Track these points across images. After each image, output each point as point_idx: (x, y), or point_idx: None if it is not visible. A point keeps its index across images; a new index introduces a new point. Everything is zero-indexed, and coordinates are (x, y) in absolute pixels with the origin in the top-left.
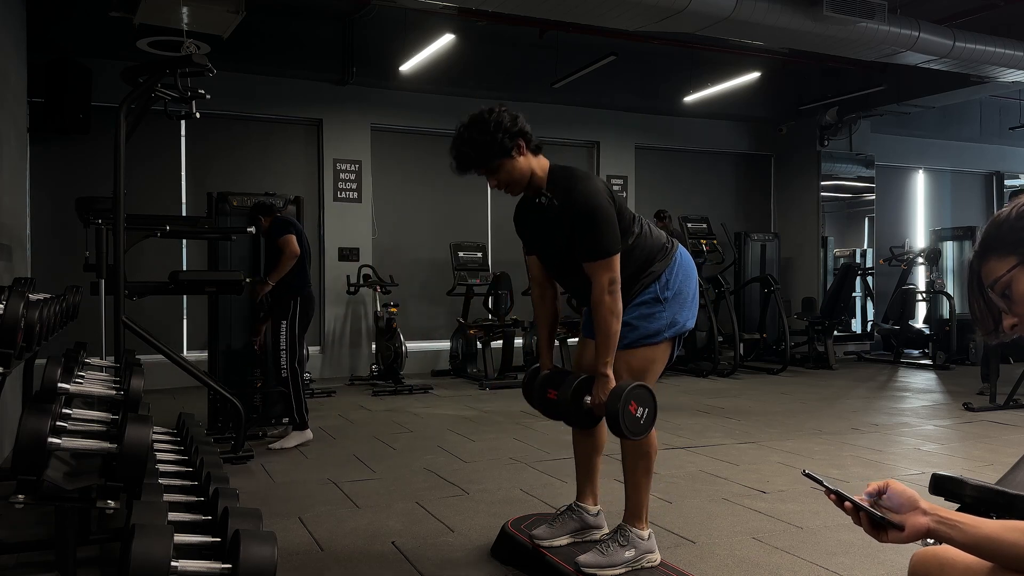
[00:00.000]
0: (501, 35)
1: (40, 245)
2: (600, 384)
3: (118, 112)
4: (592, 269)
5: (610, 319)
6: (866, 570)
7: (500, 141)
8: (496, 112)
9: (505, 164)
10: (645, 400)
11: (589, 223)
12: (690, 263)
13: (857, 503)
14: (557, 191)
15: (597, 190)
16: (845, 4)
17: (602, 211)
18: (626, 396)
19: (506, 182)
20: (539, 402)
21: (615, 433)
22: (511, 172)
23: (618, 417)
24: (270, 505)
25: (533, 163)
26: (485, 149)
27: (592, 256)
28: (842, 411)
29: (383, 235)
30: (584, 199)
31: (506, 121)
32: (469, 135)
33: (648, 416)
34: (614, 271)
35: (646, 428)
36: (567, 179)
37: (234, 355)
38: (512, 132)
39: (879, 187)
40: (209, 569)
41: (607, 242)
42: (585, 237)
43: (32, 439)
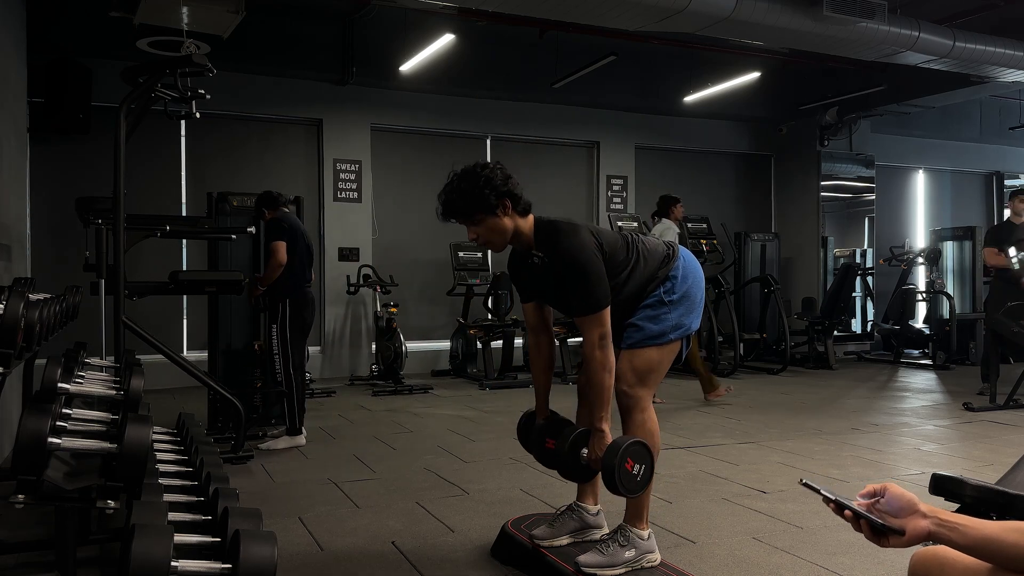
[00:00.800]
0: (501, 35)
1: (40, 245)
2: (596, 439)
3: (118, 112)
4: (582, 324)
5: (602, 374)
6: (866, 570)
7: (486, 197)
8: (490, 168)
9: (487, 220)
10: (642, 456)
11: (577, 279)
12: (697, 268)
13: (857, 510)
14: (545, 248)
15: (582, 245)
16: (845, 4)
17: (589, 267)
18: (623, 453)
19: (485, 237)
20: (537, 451)
21: (610, 490)
22: (491, 229)
23: (614, 474)
24: (270, 505)
25: (518, 223)
26: (470, 201)
27: (581, 312)
28: (842, 411)
29: (383, 235)
30: (571, 256)
31: (497, 179)
32: (459, 185)
33: (645, 473)
34: (604, 326)
35: (642, 485)
36: (553, 235)
37: (234, 355)
38: (500, 191)
39: (879, 187)
40: (209, 569)
41: (595, 297)
42: (574, 292)
43: (32, 439)
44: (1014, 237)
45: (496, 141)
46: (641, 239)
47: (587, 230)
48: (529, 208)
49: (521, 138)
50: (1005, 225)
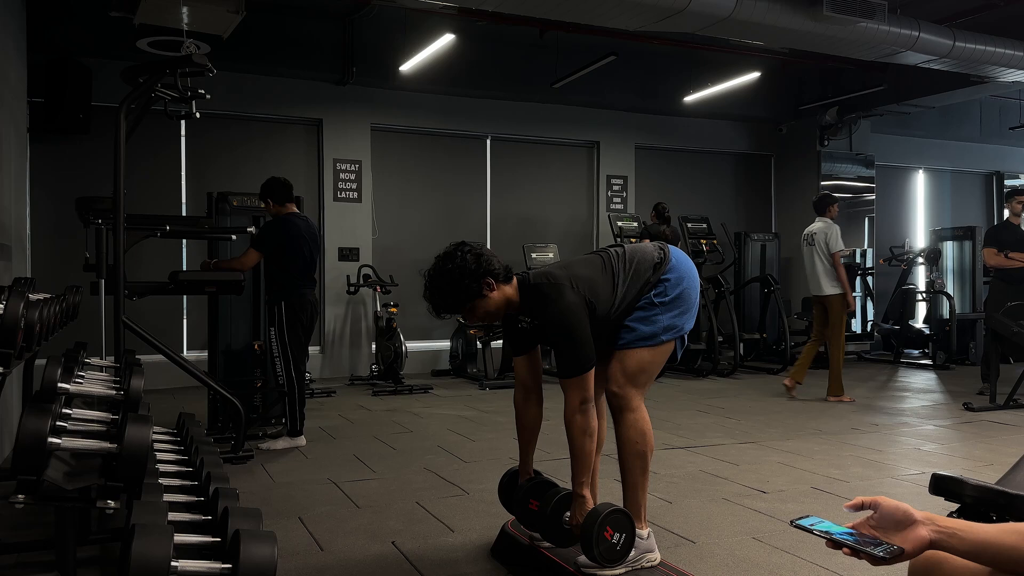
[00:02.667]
0: (501, 35)
1: (40, 245)
2: (577, 505)
3: (118, 112)
4: (565, 387)
5: (582, 439)
6: (866, 570)
7: (467, 287)
8: (459, 257)
9: (478, 304)
10: (622, 525)
11: (562, 342)
12: (690, 269)
13: (854, 547)
14: (531, 311)
15: (566, 308)
16: (845, 4)
17: (575, 331)
18: (601, 521)
19: (482, 317)
20: (520, 512)
21: (588, 559)
22: (486, 308)
23: (591, 542)
24: (270, 505)
25: (506, 291)
26: (453, 297)
27: (565, 374)
28: (842, 411)
29: (383, 235)
30: (557, 321)
31: (470, 265)
32: (437, 286)
33: (625, 542)
34: (586, 390)
35: (622, 554)
36: (539, 299)
37: (234, 355)
38: (477, 274)
39: (879, 187)
40: (209, 569)
41: (579, 359)
42: (559, 354)
43: (32, 439)
44: (1014, 237)
45: (496, 141)
46: (628, 252)
47: (569, 288)
48: (510, 273)
49: (521, 138)
50: (1005, 225)
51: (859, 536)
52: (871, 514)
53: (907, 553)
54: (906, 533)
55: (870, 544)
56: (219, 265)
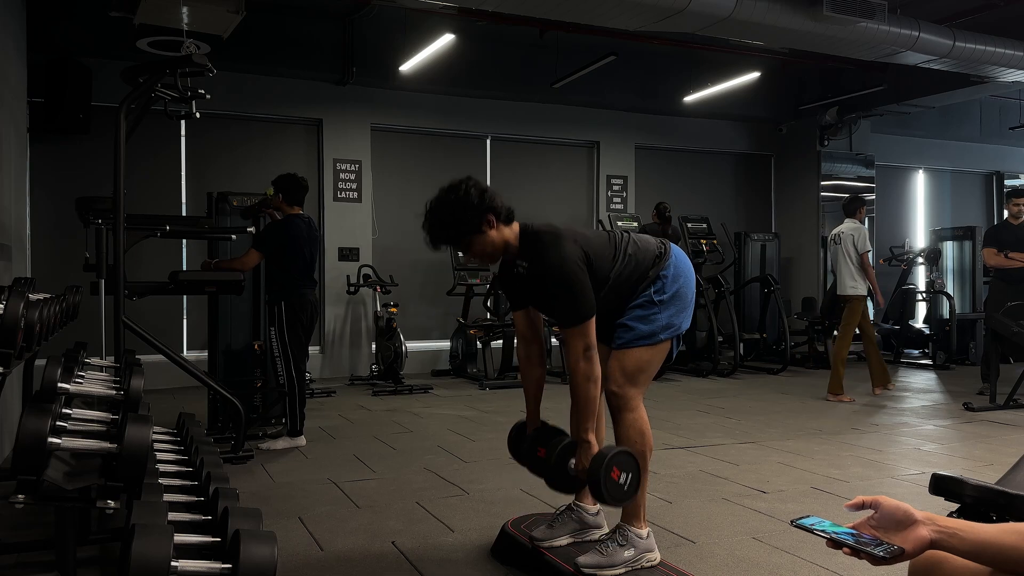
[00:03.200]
0: (501, 35)
1: (40, 245)
2: (582, 450)
3: (118, 112)
4: (566, 336)
5: (586, 385)
6: (866, 569)
7: (468, 220)
8: (463, 189)
9: (475, 239)
10: (628, 465)
11: (560, 291)
12: (688, 267)
13: (854, 546)
14: (528, 258)
15: (567, 256)
16: (845, 4)
17: (572, 280)
18: (608, 463)
19: (479, 255)
20: (528, 460)
21: (597, 499)
22: (483, 246)
23: (599, 484)
24: (270, 505)
25: (505, 233)
26: (454, 228)
27: (566, 323)
28: (842, 411)
29: (383, 235)
30: (554, 269)
31: (473, 198)
32: (438, 216)
33: (632, 481)
34: (588, 337)
35: (630, 494)
36: (537, 246)
37: (234, 355)
38: (480, 209)
39: (879, 187)
40: (209, 569)
41: (579, 309)
42: (558, 304)
43: (32, 439)
44: (1013, 238)
45: (496, 141)
46: (633, 237)
47: (571, 240)
48: (512, 215)
49: (521, 138)
50: (1004, 225)
51: (859, 536)
52: (871, 514)
53: (907, 553)
54: (906, 533)
55: (870, 544)
56: (220, 265)
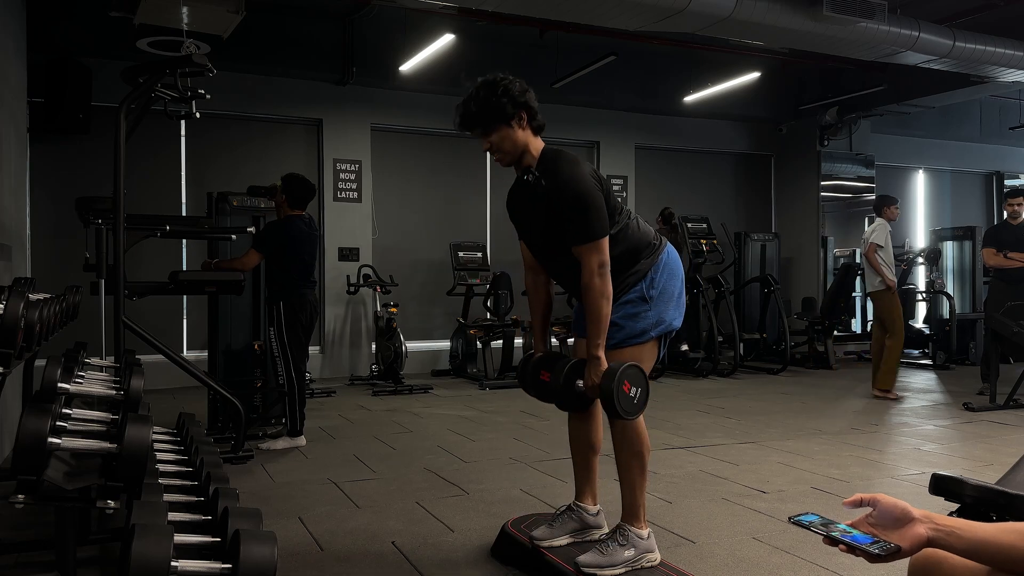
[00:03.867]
0: (501, 35)
1: (40, 245)
2: (592, 366)
3: (118, 112)
4: (582, 252)
5: (600, 301)
6: (866, 569)
7: (503, 106)
8: (508, 80)
9: (502, 130)
10: (638, 380)
11: (577, 207)
12: (676, 262)
13: (851, 544)
14: (545, 172)
15: (584, 175)
16: (845, 4)
17: (589, 195)
18: (620, 376)
19: (498, 147)
20: (532, 385)
21: (609, 413)
22: (505, 139)
23: (612, 396)
24: (270, 505)
25: (530, 140)
26: (488, 110)
27: (581, 239)
28: (842, 411)
29: (383, 235)
30: (571, 183)
31: (515, 90)
32: (478, 94)
33: (641, 396)
34: (603, 253)
35: (639, 407)
36: (556, 162)
37: (234, 355)
38: (517, 102)
39: (879, 187)
40: (209, 569)
41: (596, 225)
42: (573, 221)
43: (32, 439)
44: (1013, 237)
45: None
46: (638, 218)
47: (589, 166)
48: (543, 127)
49: None
50: (1003, 225)
51: (856, 533)
52: (869, 511)
53: (904, 551)
54: (904, 531)
55: (867, 541)
56: (220, 265)
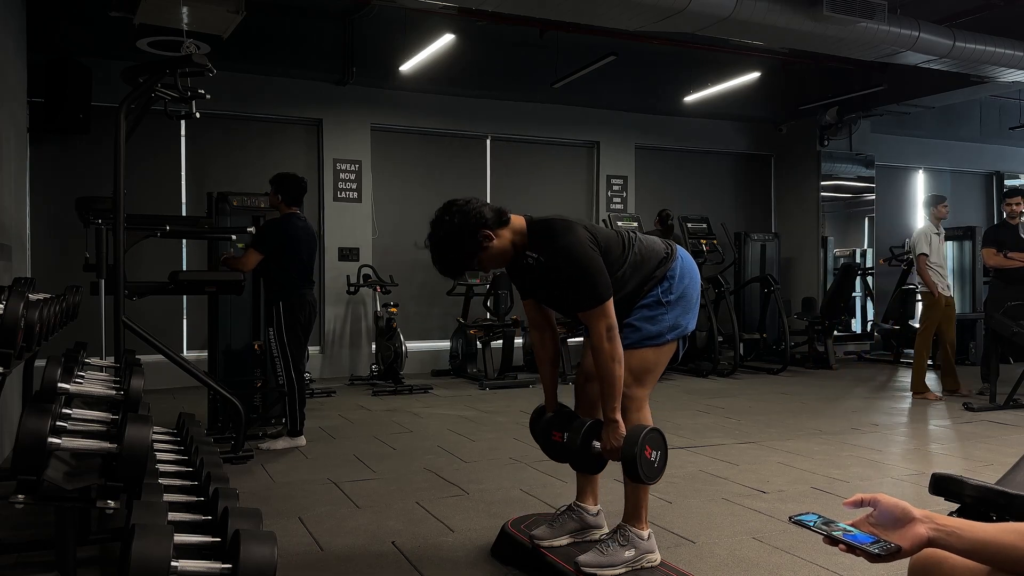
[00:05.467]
0: (501, 35)
1: (40, 245)
2: (611, 430)
3: (118, 112)
4: (588, 319)
5: (611, 365)
6: (866, 569)
7: (467, 247)
8: (447, 220)
9: (483, 257)
10: (658, 444)
11: (577, 276)
12: (693, 268)
13: (851, 543)
14: (540, 248)
15: (578, 241)
16: (845, 4)
17: (588, 262)
18: (641, 442)
19: (492, 265)
20: (544, 444)
21: (631, 477)
22: (492, 259)
23: (635, 462)
24: (270, 505)
25: (507, 234)
26: (458, 260)
27: (585, 306)
28: (842, 411)
29: (383, 235)
30: (568, 253)
31: (465, 223)
32: (440, 254)
33: (661, 459)
34: (610, 317)
35: (659, 471)
36: (548, 234)
37: (234, 355)
38: (471, 230)
39: (879, 187)
40: (209, 569)
41: (598, 291)
42: (576, 289)
43: (32, 439)
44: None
45: (496, 141)
46: (639, 237)
47: (581, 226)
48: (503, 214)
49: (521, 138)
50: (1003, 225)
51: (857, 533)
52: (870, 511)
53: (905, 551)
54: (904, 531)
55: (867, 541)
56: (227, 261)
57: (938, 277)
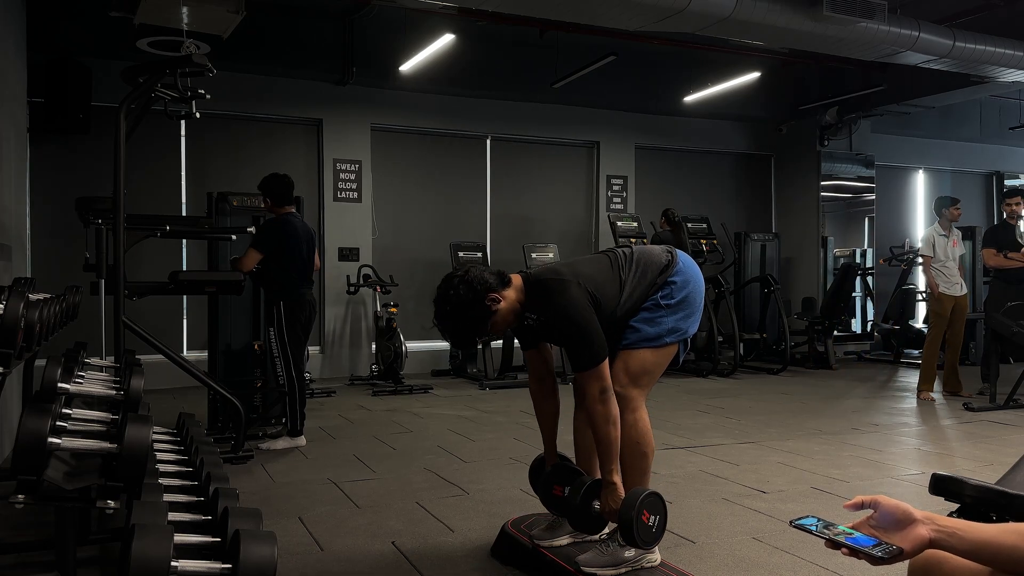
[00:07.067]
0: (501, 35)
1: (40, 245)
2: (609, 493)
3: (118, 112)
4: (582, 379)
5: (606, 427)
6: (866, 570)
7: (477, 315)
8: (454, 291)
9: (494, 321)
10: (656, 508)
11: (572, 336)
12: (696, 273)
13: (853, 547)
14: (537, 309)
15: (572, 301)
16: (845, 4)
17: (583, 324)
18: (639, 506)
19: (503, 327)
20: (544, 497)
21: (627, 542)
22: (503, 321)
23: (632, 527)
24: (270, 505)
25: (511, 295)
26: (471, 330)
27: (580, 367)
28: (842, 411)
29: (383, 235)
30: (563, 315)
31: (466, 296)
32: (451, 327)
33: (659, 523)
34: (604, 380)
35: (658, 536)
36: (544, 295)
37: (234, 355)
38: (478, 298)
39: (879, 187)
40: (209, 569)
41: (592, 353)
42: (571, 349)
43: (32, 439)
44: (1012, 238)
45: (496, 141)
46: (636, 253)
47: (574, 284)
48: (505, 276)
49: (521, 138)
50: (1003, 226)
51: (858, 536)
52: (871, 513)
53: (906, 553)
54: (906, 532)
55: (869, 544)
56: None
57: (942, 277)
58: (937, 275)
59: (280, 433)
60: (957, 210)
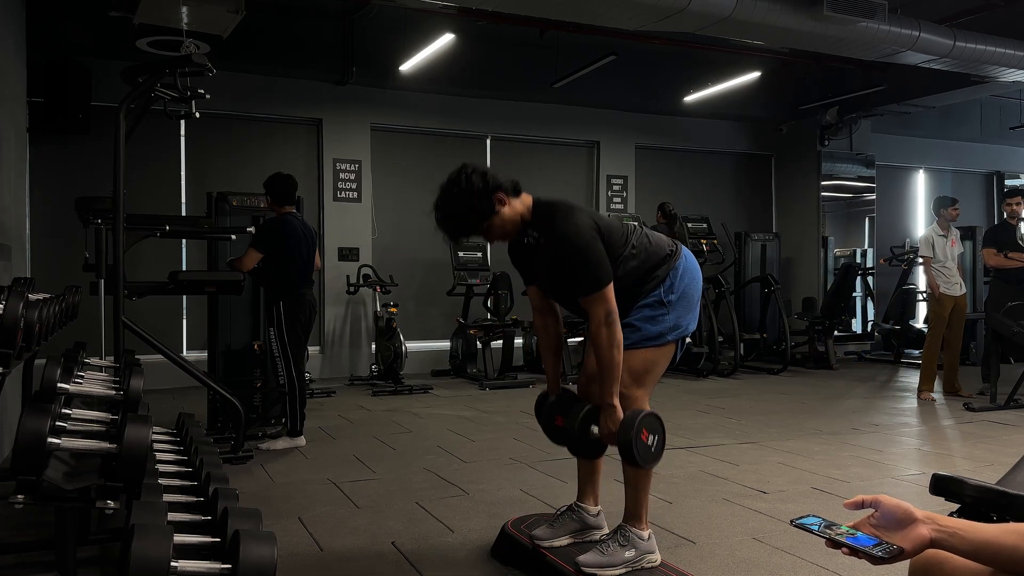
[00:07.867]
0: (501, 35)
1: (40, 245)
2: (608, 415)
3: (118, 112)
4: (587, 304)
5: (610, 350)
6: (866, 570)
7: (480, 207)
8: (464, 178)
9: (494, 222)
10: (655, 428)
11: (576, 260)
12: (695, 267)
13: (853, 546)
14: (541, 228)
15: (578, 225)
16: (845, 4)
17: (587, 247)
18: (638, 426)
19: (500, 236)
20: (547, 428)
21: (628, 462)
22: (503, 226)
23: (631, 446)
24: (270, 505)
25: (518, 206)
26: (469, 219)
27: (584, 291)
28: (842, 411)
29: (383, 235)
30: (567, 237)
31: (477, 184)
32: (450, 212)
33: (658, 443)
34: (609, 303)
35: (657, 456)
36: (550, 216)
37: (234, 355)
38: (488, 192)
39: (879, 187)
40: (209, 569)
41: (597, 276)
42: (575, 273)
43: (32, 439)
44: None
45: (496, 141)
46: (645, 231)
47: (584, 212)
48: (519, 187)
49: (521, 138)
50: (1003, 225)
51: (859, 535)
52: (871, 513)
53: (907, 552)
54: (906, 532)
55: (870, 543)
56: (234, 263)
57: (941, 278)
58: (937, 275)
59: (280, 433)
60: (955, 210)
